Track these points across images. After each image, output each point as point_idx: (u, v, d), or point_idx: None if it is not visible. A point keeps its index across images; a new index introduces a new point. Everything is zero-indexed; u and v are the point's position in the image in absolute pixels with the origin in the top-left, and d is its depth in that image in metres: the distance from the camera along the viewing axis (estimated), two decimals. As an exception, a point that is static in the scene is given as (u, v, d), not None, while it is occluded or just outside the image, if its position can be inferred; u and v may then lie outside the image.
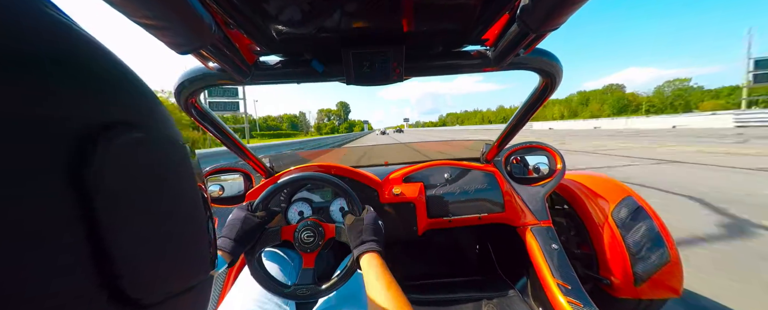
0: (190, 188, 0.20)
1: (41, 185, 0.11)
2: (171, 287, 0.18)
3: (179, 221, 0.19)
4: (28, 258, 0.11)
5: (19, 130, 0.11)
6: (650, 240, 1.01)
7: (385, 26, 0.58)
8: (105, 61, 0.15)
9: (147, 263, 0.16)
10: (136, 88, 0.17)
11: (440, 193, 1.15)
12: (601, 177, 1.28)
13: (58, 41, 0.13)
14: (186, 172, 0.20)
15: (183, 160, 0.19)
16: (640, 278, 0.98)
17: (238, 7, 0.48)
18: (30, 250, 0.11)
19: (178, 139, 0.19)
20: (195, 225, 0.20)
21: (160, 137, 0.17)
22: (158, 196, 0.17)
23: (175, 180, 0.19)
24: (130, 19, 0.37)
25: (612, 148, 8.49)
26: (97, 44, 0.15)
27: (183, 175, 0.19)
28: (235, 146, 1.05)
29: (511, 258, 1.32)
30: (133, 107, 0.16)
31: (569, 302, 0.86)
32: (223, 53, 0.57)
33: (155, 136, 0.17)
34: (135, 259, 0.15)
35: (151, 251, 0.16)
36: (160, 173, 0.17)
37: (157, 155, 0.17)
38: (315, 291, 0.70)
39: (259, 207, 0.74)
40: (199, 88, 0.74)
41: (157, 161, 0.17)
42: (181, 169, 0.19)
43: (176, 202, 0.19)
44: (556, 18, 0.46)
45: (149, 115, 0.17)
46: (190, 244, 0.20)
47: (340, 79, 0.72)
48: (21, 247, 0.11)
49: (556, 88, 0.80)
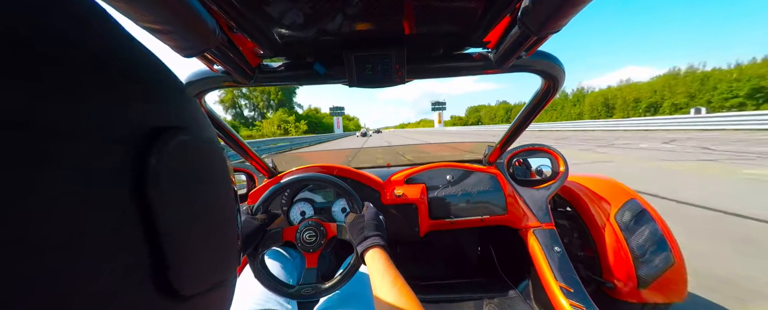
0: (226, 185, 0.21)
1: (111, 187, 0.12)
2: (209, 281, 0.19)
3: (219, 218, 0.20)
4: (92, 256, 0.11)
5: (87, 136, 0.12)
6: (654, 243, 1.00)
7: (387, 29, 0.59)
8: (153, 65, 0.16)
9: (192, 258, 0.17)
10: (179, 92, 0.18)
11: (442, 195, 1.15)
12: (604, 179, 1.27)
13: (117, 47, 0.14)
14: (223, 170, 0.21)
15: (221, 159, 0.21)
16: (643, 281, 0.97)
17: (241, 11, 0.49)
18: (95, 248, 0.12)
19: (215, 140, 0.20)
20: (231, 220, 0.22)
21: (202, 138, 0.18)
22: (204, 194, 0.18)
23: (216, 178, 0.20)
24: (135, 23, 0.38)
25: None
26: (144, 48, 0.16)
27: (222, 173, 0.21)
28: (238, 147, 1.05)
29: (513, 260, 1.32)
30: (180, 111, 0.17)
31: (572, 305, 0.85)
32: (227, 56, 0.57)
33: (199, 138, 0.18)
34: (183, 254, 0.16)
35: (196, 246, 0.17)
36: (204, 172, 0.18)
37: (201, 156, 0.18)
38: (318, 290, 0.70)
39: (260, 210, 0.75)
40: (204, 91, 0.75)
41: (202, 161, 0.18)
42: (220, 167, 0.20)
43: (217, 199, 0.20)
44: (557, 20, 0.46)
45: (193, 118, 0.18)
46: (227, 239, 0.21)
47: (342, 81, 0.73)
48: (90, 245, 0.11)
49: (558, 90, 0.80)
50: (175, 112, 0.17)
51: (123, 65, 0.14)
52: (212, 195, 0.19)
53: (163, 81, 0.17)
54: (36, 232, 0.10)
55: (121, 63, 0.14)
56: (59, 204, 0.10)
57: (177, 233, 0.15)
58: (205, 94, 0.78)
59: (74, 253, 0.11)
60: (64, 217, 0.10)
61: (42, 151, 0.10)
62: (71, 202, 0.11)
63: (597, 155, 7.46)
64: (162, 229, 0.14)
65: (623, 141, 11.45)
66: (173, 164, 0.15)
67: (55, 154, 0.10)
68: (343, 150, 2.18)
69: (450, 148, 2.00)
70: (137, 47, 0.15)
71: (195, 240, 0.17)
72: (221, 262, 0.20)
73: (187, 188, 0.17)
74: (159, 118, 0.15)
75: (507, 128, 1.09)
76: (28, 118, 0.10)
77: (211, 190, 0.19)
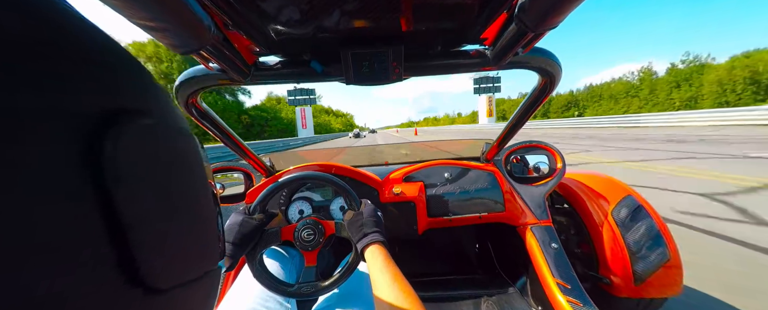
0: (199, 178, 0.20)
1: (61, 173, 0.11)
2: (182, 275, 0.18)
3: (194, 209, 0.19)
4: (51, 249, 0.11)
5: (36, 119, 0.11)
6: (650, 239, 1.01)
7: (384, 26, 0.58)
8: (109, 46, 0.15)
9: (164, 250, 0.16)
10: (140, 75, 0.17)
11: (440, 192, 1.16)
12: (601, 176, 1.28)
13: (65, 26, 0.13)
14: (195, 161, 0.20)
15: (192, 149, 0.20)
16: (639, 277, 0.98)
17: (237, 8, 0.48)
18: (53, 240, 0.11)
19: (185, 129, 0.19)
20: (204, 215, 0.21)
21: (168, 125, 0.17)
22: (169, 183, 0.17)
23: (185, 168, 0.19)
24: (129, 20, 0.37)
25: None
26: (97, 29, 0.15)
27: (192, 164, 0.20)
28: (235, 146, 1.05)
29: (510, 257, 1.33)
30: (140, 94, 0.16)
31: (569, 302, 0.86)
32: (223, 54, 0.57)
33: (164, 124, 0.17)
34: (153, 246, 0.15)
35: (167, 238, 0.16)
36: (170, 161, 0.17)
37: (166, 143, 0.17)
38: (318, 288, 0.70)
39: (257, 210, 0.75)
40: (200, 89, 0.74)
41: (167, 149, 0.17)
42: (190, 157, 0.19)
43: (187, 190, 0.19)
44: (553, 17, 0.46)
45: (156, 103, 0.17)
46: (200, 233, 0.20)
47: (339, 79, 0.73)
48: (44, 235, 0.11)
49: (555, 87, 0.80)
50: (135, 95, 0.16)
51: (68, 44, 0.13)
52: (183, 185, 0.18)
53: (122, 62, 0.15)
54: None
55: (65, 41, 0.13)
56: (4, 199, 0.10)
57: (143, 224, 0.14)
58: (201, 93, 0.77)
59: (27, 252, 0.10)
60: (13, 212, 0.10)
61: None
62: (18, 195, 0.10)
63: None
64: (126, 220, 0.13)
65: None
66: (134, 147, 0.14)
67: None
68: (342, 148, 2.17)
69: (448, 144, 2.00)
70: (91, 29, 0.14)
71: (165, 232, 0.16)
72: (200, 254, 0.20)
73: (153, 177, 0.16)
74: (116, 101, 0.14)
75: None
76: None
77: (181, 179, 0.18)
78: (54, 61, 0.12)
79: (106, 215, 0.13)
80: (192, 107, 0.81)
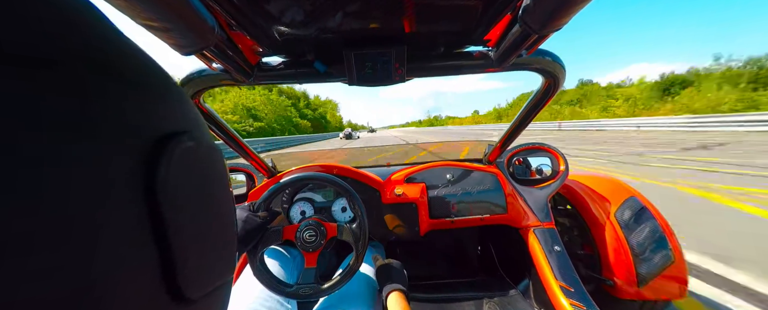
0: (226, 189, 0.21)
1: (122, 191, 0.13)
2: (213, 283, 0.19)
3: (222, 221, 0.20)
4: (105, 258, 0.12)
5: (101, 140, 0.12)
6: (654, 241, 1.00)
7: (387, 27, 0.58)
8: (157, 72, 0.16)
9: (199, 261, 0.17)
10: (182, 98, 0.18)
11: (442, 194, 1.15)
12: (604, 178, 1.27)
13: (123, 54, 0.14)
14: (223, 174, 0.21)
15: (221, 162, 0.21)
16: (643, 279, 0.98)
17: (241, 8, 0.48)
18: (109, 249, 0.12)
19: (214, 143, 0.20)
20: (231, 224, 0.22)
21: (204, 143, 0.19)
22: (207, 199, 0.19)
23: (217, 182, 0.20)
24: (134, 21, 0.38)
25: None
26: (145, 54, 0.16)
27: (222, 177, 0.21)
28: (238, 146, 1.05)
29: (513, 260, 1.32)
30: (183, 116, 0.18)
31: (572, 305, 0.85)
32: (226, 54, 0.57)
33: (201, 143, 0.18)
34: (191, 258, 0.16)
35: (202, 250, 0.17)
36: (207, 177, 0.19)
37: (204, 160, 0.18)
38: (317, 290, 0.70)
39: (261, 207, 0.75)
40: (203, 89, 0.74)
41: (205, 166, 0.19)
42: (220, 171, 0.21)
43: (219, 203, 0.20)
44: (558, 19, 0.46)
45: (195, 124, 0.19)
46: (228, 242, 0.22)
47: (342, 79, 0.73)
48: (103, 247, 0.12)
49: (559, 89, 0.80)
50: (179, 117, 0.17)
51: (132, 72, 0.14)
52: (215, 199, 0.20)
53: (167, 86, 0.17)
54: (52, 228, 0.10)
55: (130, 70, 0.14)
56: (76, 203, 0.11)
57: (185, 237, 0.15)
58: (204, 93, 0.77)
59: (89, 253, 0.11)
60: (81, 216, 0.11)
61: (62, 149, 0.10)
62: (88, 202, 0.11)
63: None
64: (171, 233, 0.14)
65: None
66: (180, 170, 0.15)
67: (76, 154, 0.11)
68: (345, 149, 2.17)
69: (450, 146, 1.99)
70: (141, 53, 0.15)
71: (201, 244, 0.17)
72: (224, 265, 0.21)
73: (193, 193, 0.17)
74: (166, 125, 0.16)
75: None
76: (49, 119, 0.10)
77: (214, 194, 0.20)
78: (124, 85, 0.14)
79: (155, 227, 0.14)
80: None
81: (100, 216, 0.11)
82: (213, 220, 0.19)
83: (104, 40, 0.13)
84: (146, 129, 0.14)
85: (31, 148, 0.09)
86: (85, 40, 0.12)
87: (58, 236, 0.10)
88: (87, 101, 0.11)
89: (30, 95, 0.10)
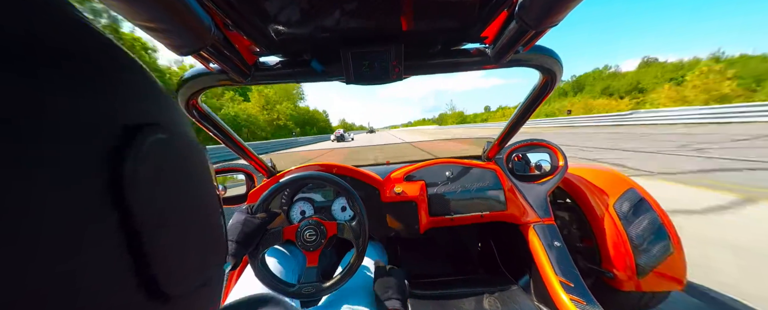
0: (208, 184, 0.21)
1: (85, 185, 0.12)
2: (195, 279, 0.19)
3: (202, 216, 0.20)
4: (71, 258, 0.11)
5: (67, 131, 0.11)
6: (653, 232, 1.01)
7: (384, 25, 0.58)
8: (127, 63, 0.15)
9: (176, 257, 0.16)
10: (156, 90, 0.17)
11: (442, 191, 1.16)
12: (603, 170, 1.28)
13: (87, 43, 0.14)
14: (204, 169, 0.21)
15: (201, 158, 0.20)
16: (642, 270, 0.99)
17: (237, 8, 0.48)
18: (74, 249, 0.11)
19: (192, 137, 0.20)
20: (214, 218, 0.22)
21: (181, 137, 0.18)
22: (184, 193, 0.18)
23: (196, 177, 0.20)
24: (130, 21, 0.37)
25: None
26: (115, 43, 0.15)
27: (202, 172, 0.20)
28: (236, 147, 1.05)
29: (513, 255, 1.33)
30: (156, 109, 0.17)
31: (572, 300, 0.86)
32: (223, 54, 0.57)
33: (177, 136, 0.18)
34: (166, 253, 0.16)
35: (179, 246, 0.17)
36: (183, 171, 0.18)
37: (179, 154, 0.18)
38: (319, 289, 0.70)
39: (260, 208, 0.75)
40: (200, 89, 0.74)
41: (180, 160, 0.18)
42: (200, 167, 0.20)
43: (198, 198, 0.20)
44: (554, 14, 0.46)
45: (170, 116, 0.18)
46: (211, 237, 0.21)
47: (339, 78, 0.72)
48: (67, 246, 0.11)
49: (556, 85, 0.80)
50: (149, 109, 0.16)
51: (93, 60, 0.13)
52: (193, 194, 0.19)
53: (136, 76, 0.16)
54: (13, 230, 0.09)
55: (90, 58, 0.13)
56: (35, 202, 0.10)
57: (158, 233, 0.15)
58: (201, 93, 0.77)
59: (52, 252, 0.10)
60: (41, 216, 0.10)
61: (16, 147, 0.10)
62: (48, 200, 0.10)
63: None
64: (143, 229, 0.14)
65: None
66: (150, 163, 0.15)
67: (30, 151, 0.10)
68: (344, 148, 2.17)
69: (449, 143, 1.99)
70: (106, 40, 0.14)
71: (177, 240, 0.17)
72: (206, 260, 0.20)
73: (167, 187, 0.16)
74: (133, 116, 0.15)
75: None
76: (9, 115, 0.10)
77: (191, 188, 0.19)
78: (82, 72, 0.13)
79: (124, 224, 0.13)
80: (193, 109, 0.81)
81: (62, 213, 0.11)
82: (193, 214, 0.19)
83: (50, 18, 0.12)
84: (108, 121, 0.13)
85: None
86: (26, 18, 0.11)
87: (13, 234, 0.09)
88: (34, 91, 0.10)
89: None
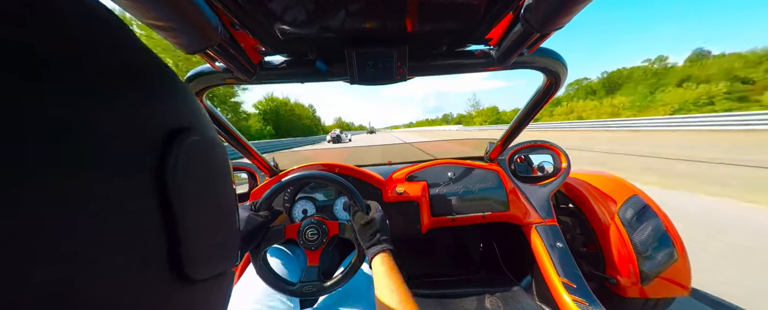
0: (228, 181, 0.23)
1: (135, 183, 0.14)
2: (216, 268, 0.21)
3: (224, 211, 0.22)
4: (121, 239, 0.13)
5: (123, 136, 0.13)
6: (657, 239, 1.00)
7: (389, 26, 0.58)
8: (165, 72, 0.18)
9: (202, 245, 0.19)
10: (186, 96, 0.20)
11: (444, 192, 1.15)
12: (607, 176, 1.27)
13: (150, 64, 0.16)
14: (226, 167, 0.23)
15: (223, 157, 0.23)
16: (646, 277, 0.97)
17: (244, 8, 0.49)
18: (123, 233, 0.13)
19: (217, 137, 0.22)
20: (233, 214, 0.24)
21: (207, 139, 0.20)
22: (211, 189, 0.20)
23: (220, 175, 0.22)
24: (139, 20, 0.38)
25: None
26: (163, 63, 0.18)
27: (224, 170, 0.23)
28: (240, 145, 1.06)
29: (515, 256, 1.32)
30: (188, 113, 0.19)
31: (574, 301, 0.85)
32: (229, 53, 0.57)
33: (205, 137, 0.20)
34: (195, 241, 0.18)
35: (205, 236, 0.19)
36: (210, 169, 0.20)
37: (207, 154, 0.20)
38: (320, 288, 0.70)
39: (262, 206, 0.75)
40: (205, 88, 0.75)
41: (208, 159, 0.20)
42: (223, 165, 0.22)
43: (222, 194, 0.22)
44: (560, 17, 0.46)
45: (199, 120, 0.20)
46: (230, 231, 0.23)
47: (343, 78, 0.73)
48: (120, 230, 0.13)
49: (560, 87, 0.80)
50: (185, 113, 0.19)
51: (141, 70, 0.15)
52: (218, 190, 0.21)
53: (174, 84, 0.18)
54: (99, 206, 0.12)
55: (138, 68, 0.15)
56: (97, 193, 0.12)
57: (190, 223, 0.17)
58: (207, 91, 0.78)
59: (108, 238, 0.12)
60: (111, 196, 0.12)
61: (77, 147, 0.11)
62: (107, 191, 0.12)
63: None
64: (178, 219, 0.16)
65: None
66: (187, 162, 0.17)
67: (95, 151, 0.12)
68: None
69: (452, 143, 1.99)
70: (148, 51, 0.16)
71: (204, 230, 0.19)
72: (226, 252, 0.22)
73: (198, 184, 0.18)
74: (174, 120, 0.17)
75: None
76: (73, 121, 0.11)
77: (216, 185, 0.21)
78: (148, 88, 0.16)
79: (164, 213, 0.16)
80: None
81: (116, 197, 0.13)
82: (217, 208, 0.21)
83: (110, 38, 0.14)
84: (156, 125, 0.16)
85: (41, 149, 0.10)
86: (90, 40, 0.13)
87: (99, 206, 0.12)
88: (100, 101, 0.13)
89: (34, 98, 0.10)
